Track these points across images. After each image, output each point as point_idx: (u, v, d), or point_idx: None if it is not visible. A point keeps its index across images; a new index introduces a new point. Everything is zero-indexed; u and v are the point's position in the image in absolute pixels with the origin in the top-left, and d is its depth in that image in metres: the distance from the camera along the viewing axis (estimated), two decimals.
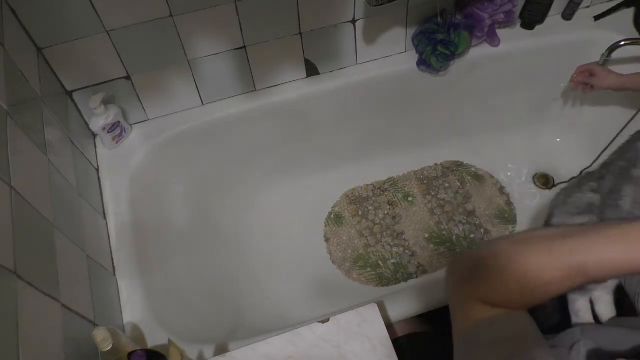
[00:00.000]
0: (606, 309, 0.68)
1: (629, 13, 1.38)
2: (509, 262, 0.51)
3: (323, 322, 0.82)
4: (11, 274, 0.62)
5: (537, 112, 1.57)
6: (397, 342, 0.88)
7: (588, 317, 0.68)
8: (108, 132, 1.15)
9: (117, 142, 1.19)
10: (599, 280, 0.51)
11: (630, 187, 0.69)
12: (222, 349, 0.91)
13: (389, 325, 0.93)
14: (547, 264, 0.49)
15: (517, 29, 1.38)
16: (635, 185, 0.69)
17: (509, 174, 1.58)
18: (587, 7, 1.41)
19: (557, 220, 0.82)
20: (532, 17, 1.35)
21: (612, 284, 0.68)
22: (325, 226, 1.51)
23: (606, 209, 0.74)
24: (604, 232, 0.48)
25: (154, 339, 0.94)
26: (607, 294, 0.68)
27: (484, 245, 0.58)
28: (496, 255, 0.53)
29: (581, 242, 0.48)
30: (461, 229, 1.48)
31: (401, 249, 1.46)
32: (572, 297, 0.70)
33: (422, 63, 1.31)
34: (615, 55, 1.24)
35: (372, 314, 0.82)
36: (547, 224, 0.84)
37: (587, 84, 1.24)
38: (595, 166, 1.02)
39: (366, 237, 1.49)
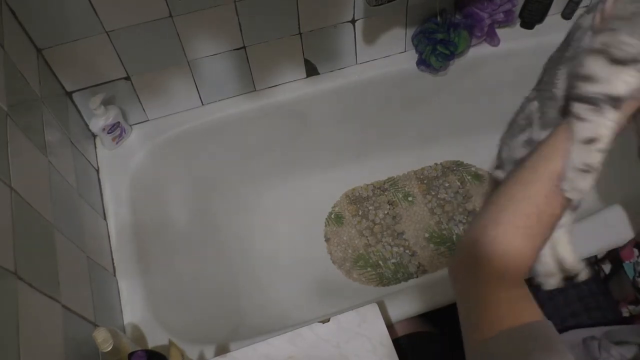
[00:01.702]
0: (566, 252, 0.60)
1: None
2: (497, 220, 0.51)
3: (323, 322, 0.82)
4: (11, 275, 0.62)
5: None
6: (397, 342, 0.88)
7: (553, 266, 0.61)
8: (108, 133, 1.15)
9: (117, 143, 1.19)
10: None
11: (564, 67, 0.57)
12: (222, 349, 0.91)
13: (390, 325, 0.93)
14: (529, 197, 0.49)
15: (517, 28, 1.38)
16: (568, 64, 0.56)
17: None
18: (587, 6, 1.40)
19: (505, 153, 0.74)
20: (531, 17, 1.35)
21: (568, 220, 0.61)
22: (326, 226, 1.51)
23: (545, 109, 0.62)
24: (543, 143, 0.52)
25: (154, 339, 0.94)
26: (565, 232, 0.61)
27: (465, 237, 0.55)
28: (482, 227, 0.52)
29: (537, 159, 0.51)
30: (461, 228, 1.48)
31: (401, 248, 1.46)
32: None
33: (422, 63, 1.31)
34: None
35: (372, 313, 0.82)
36: (498, 159, 0.76)
37: None
38: None
39: (366, 236, 1.49)
